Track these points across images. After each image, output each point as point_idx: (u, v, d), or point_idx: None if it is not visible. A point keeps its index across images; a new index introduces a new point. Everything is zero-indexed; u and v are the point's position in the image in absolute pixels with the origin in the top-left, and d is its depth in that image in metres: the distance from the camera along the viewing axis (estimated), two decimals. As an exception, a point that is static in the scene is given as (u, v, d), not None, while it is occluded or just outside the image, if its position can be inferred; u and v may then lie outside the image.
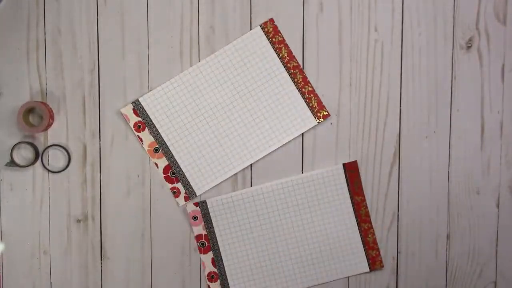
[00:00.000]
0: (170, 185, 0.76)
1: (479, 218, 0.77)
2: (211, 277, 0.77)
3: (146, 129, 0.76)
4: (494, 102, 0.77)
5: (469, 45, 0.76)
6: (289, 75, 0.76)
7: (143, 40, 0.77)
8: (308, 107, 0.76)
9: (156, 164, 0.76)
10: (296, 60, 0.76)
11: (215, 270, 0.77)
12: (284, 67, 0.76)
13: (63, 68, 0.77)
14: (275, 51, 0.76)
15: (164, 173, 0.76)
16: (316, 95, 0.76)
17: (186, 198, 0.76)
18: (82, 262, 0.78)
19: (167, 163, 0.76)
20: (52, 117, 0.76)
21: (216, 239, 0.76)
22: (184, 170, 0.76)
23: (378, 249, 0.76)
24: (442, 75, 0.76)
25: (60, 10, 0.76)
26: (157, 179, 0.77)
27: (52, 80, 0.77)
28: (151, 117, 0.76)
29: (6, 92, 0.77)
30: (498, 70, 0.76)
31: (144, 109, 0.76)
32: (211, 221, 0.76)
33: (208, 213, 0.76)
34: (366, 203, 0.76)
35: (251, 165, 0.77)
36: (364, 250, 0.76)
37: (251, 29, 0.76)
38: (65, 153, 0.77)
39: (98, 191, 0.77)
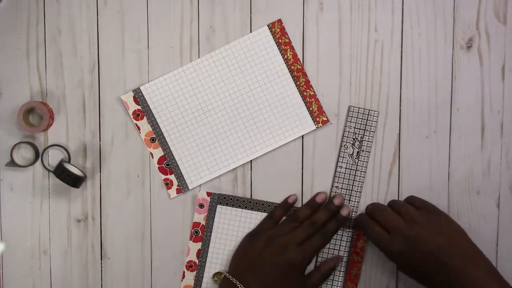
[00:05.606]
0: (164, 176, 0.76)
1: (479, 218, 0.77)
2: (190, 266, 0.77)
3: (145, 118, 0.76)
4: (494, 102, 0.77)
5: (469, 45, 0.76)
6: (292, 77, 0.76)
7: (143, 40, 0.77)
8: (308, 111, 0.76)
9: (152, 154, 0.76)
10: (300, 63, 0.76)
11: (197, 261, 0.76)
12: (288, 69, 0.76)
13: (63, 68, 0.77)
14: (280, 52, 0.76)
15: (158, 163, 0.76)
16: (317, 100, 0.76)
17: (178, 191, 0.76)
18: (82, 262, 0.78)
19: (162, 153, 0.76)
20: (52, 117, 0.76)
21: (211, 233, 0.76)
22: (178, 162, 0.76)
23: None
24: (442, 75, 0.76)
25: (60, 10, 0.77)
26: (157, 179, 0.77)
27: (52, 80, 0.77)
28: (151, 106, 0.76)
29: (6, 92, 0.77)
30: (498, 70, 0.76)
31: (144, 98, 0.76)
32: (214, 216, 0.76)
33: (215, 208, 0.76)
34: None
35: (251, 165, 0.77)
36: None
37: (251, 29, 0.76)
38: (65, 153, 0.77)
39: (98, 191, 0.77)
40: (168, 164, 0.77)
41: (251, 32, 0.76)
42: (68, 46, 0.77)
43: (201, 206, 0.77)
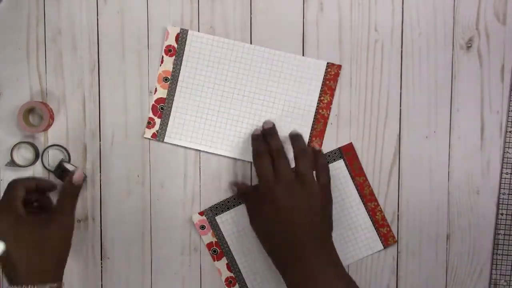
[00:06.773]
0: (151, 115, 0.76)
1: (479, 218, 0.77)
2: (229, 282, 0.77)
3: (173, 58, 0.76)
4: (494, 102, 0.77)
5: (469, 45, 0.76)
6: (316, 109, 0.76)
7: (143, 40, 0.77)
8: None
9: (155, 89, 0.76)
10: (331, 101, 0.76)
11: (232, 275, 0.77)
12: (318, 103, 0.76)
13: (63, 68, 0.77)
14: (320, 89, 0.76)
15: (155, 102, 0.76)
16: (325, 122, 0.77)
17: (154, 135, 0.76)
18: (82, 262, 0.78)
19: (165, 96, 0.76)
20: (52, 117, 0.76)
21: (228, 244, 0.76)
22: (172, 110, 0.76)
23: (388, 226, 0.76)
24: (442, 75, 0.76)
25: (60, 10, 0.77)
26: (157, 179, 0.77)
27: (52, 80, 0.77)
28: (185, 52, 0.76)
29: (6, 92, 0.77)
30: (498, 70, 0.76)
31: (186, 41, 0.76)
32: (219, 228, 0.76)
33: (215, 220, 0.76)
34: (368, 182, 0.76)
35: (251, 165, 0.77)
36: (375, 228, 0.76)
37: (251, 29, 0.76)
38: (65, 153, 0.77)
39: (98, 191, 0.77)
40: (162, 108, 0.76)
41: (251, 32, 0.76)
42: (68, 46, 0.77)
43: (202, 227, 0.77)
